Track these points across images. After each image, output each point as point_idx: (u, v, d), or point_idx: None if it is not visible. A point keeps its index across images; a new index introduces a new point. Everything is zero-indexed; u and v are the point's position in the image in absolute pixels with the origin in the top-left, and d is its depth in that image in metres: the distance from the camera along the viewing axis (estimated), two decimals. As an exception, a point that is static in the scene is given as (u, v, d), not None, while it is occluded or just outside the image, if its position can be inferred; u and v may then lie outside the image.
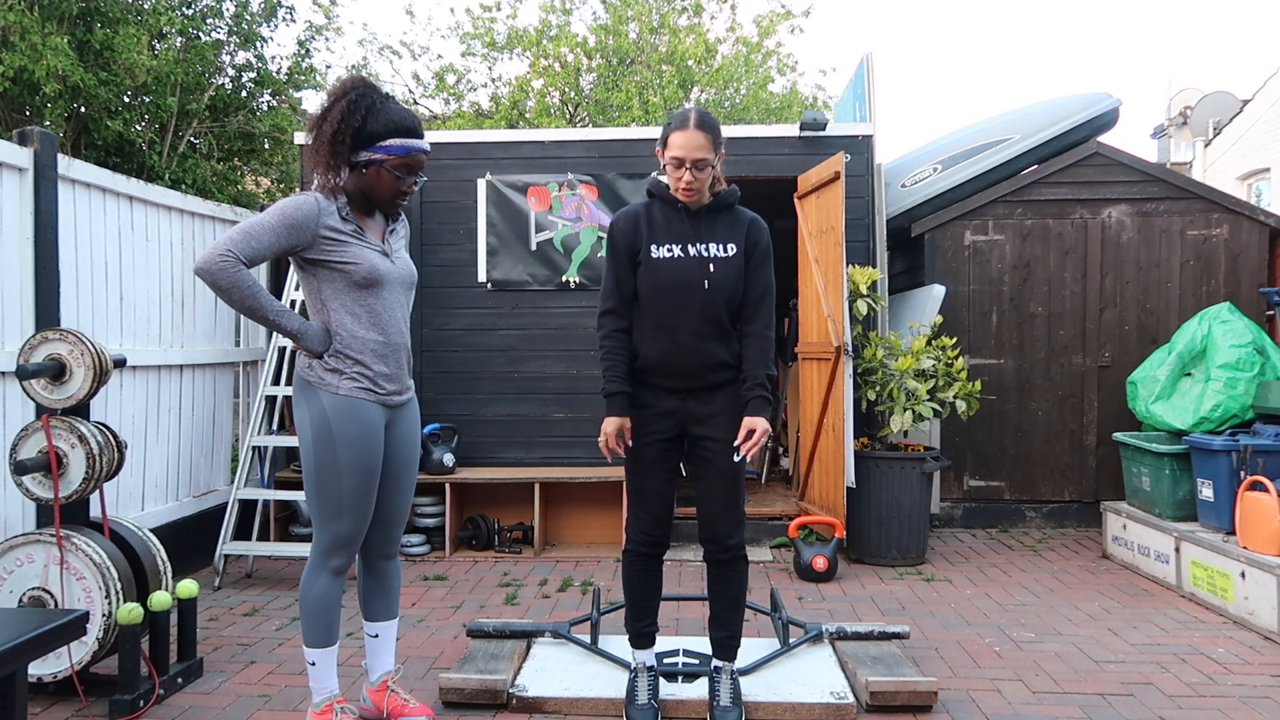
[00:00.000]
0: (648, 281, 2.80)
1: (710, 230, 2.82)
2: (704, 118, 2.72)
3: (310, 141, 2.60)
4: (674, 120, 2.75)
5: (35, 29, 6.01)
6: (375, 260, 2.62)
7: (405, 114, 2.61)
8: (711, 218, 2.83)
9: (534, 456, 5.56)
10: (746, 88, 12.60)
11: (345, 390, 2.59)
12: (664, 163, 2.77)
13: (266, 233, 2.48)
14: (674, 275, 2.77)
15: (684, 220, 2.81)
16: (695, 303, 2.76)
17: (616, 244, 2.85)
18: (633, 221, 2.84)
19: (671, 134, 2.72)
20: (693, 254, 2.78)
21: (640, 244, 2.81)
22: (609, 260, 2.87)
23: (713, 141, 2.71)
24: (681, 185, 2.73)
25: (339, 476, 2.59)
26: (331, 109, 2.55)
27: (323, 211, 2.55)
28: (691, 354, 2.79)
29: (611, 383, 2.82)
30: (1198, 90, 13.82)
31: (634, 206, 2.89)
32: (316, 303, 2.64)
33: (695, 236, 2.80)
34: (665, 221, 2.82)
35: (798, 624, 3.49)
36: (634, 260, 2.83)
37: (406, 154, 2.59)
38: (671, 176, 2.76)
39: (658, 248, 2.79)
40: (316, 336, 2.59)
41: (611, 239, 2.86)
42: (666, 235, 2.80)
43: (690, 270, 2.76)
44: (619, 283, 2.84)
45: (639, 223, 2.84)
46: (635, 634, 2.97)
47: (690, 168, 2.70)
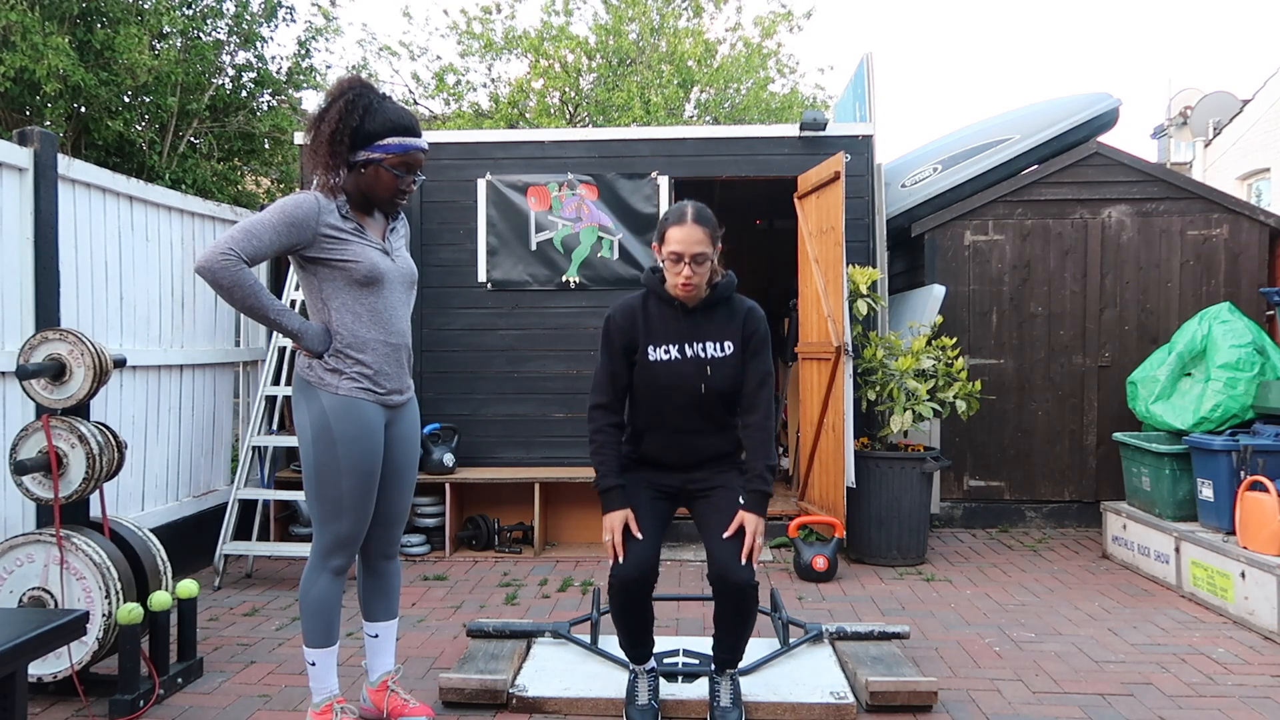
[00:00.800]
0: (646, 382, 2.80)
1: (707, 328, 2.80)
2: (700, 212, 2.71)
3: (309, 141, 2.60)
4: (670, 216, 2.73)
5: (36, 29, 6.01)
6: (376, 258, 2.62)
7: (403, 113, 2.61)
8: (709, 313, 2.82)
9: (534, 456, 5.56)
10: (747, 88, 12.60)
11: (345, 390, 2.59)
12: (661, 258, 2.75)
13: (267, 231, 2.48)
14: (672, 378, 2.77)
15: (681, 318, 2.80)
16: (693, 403, 2.78)
17: (612, 339, 2.82)
18: (629, 318, 2.82)
19: (669, 229, 2.70)
20: (690, 355, 2.78)
21: (637, 342, 2.80)
22: (604, 353, 2.85)
23: (710, 235, 2.70)
24: (680, 281, 2.71)
25: (339, 477, 2.59)
26: (329, 109, 2.55)
27: (323, 210, 2.55)
28: (691, 449, 2.83)
29: (606, 478, 2.77)
30: (1198, 90, 13.82)
31: (631, 302, 2.87)
32: (317, 302, 2.63)
33: (692, 335, 2.79)
34: (662, 320, 2.81)
35: (798, 624, 3.49)
36: (629, 357, 2.82)
37: (405, 152, 2.59)
38: (670, 272, 2.74)
39: (655, 349, 2.78)
40: (317, 336, 2.59)
41: (607, 334, 2.84)
42: (664, 335, 2.79)
43: (688, 372, 2.76)
44: (613, 377, 2.82)
45: (636, 320, 2.81)
46: (633, 655, 2.95)
47: (690, 263, 2.68)
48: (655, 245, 2.79)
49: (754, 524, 2.73)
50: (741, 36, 12.72)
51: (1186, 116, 13.58)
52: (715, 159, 5.57)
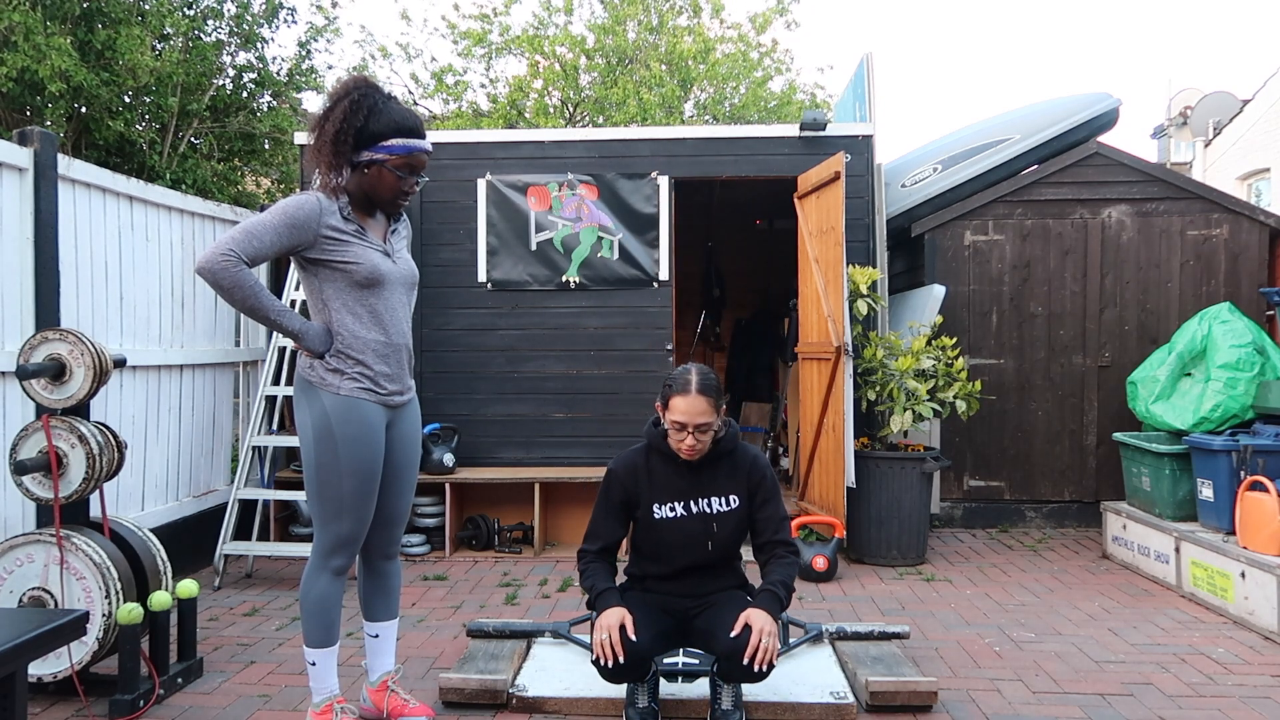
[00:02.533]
0: (651, 539, 2.84)
1: (711, 483, 2.82)
2: (704, 381, 2.72)
3: (312, 141, 2.60)
4: (675, 384, 2.74)
5: (39, 29, 6.02)
6: (377, 260, 2.62)
7: (407, 114, 2.61)
8: (712, 468, 2.84)
9: (534, 456, 5.56)
10: (745, 87, 12.59)
11: (346, 390, 2.59)
12: (664, 420, 2.77)
13: (268, 232, 2.48)
14: (678, 536, 2.81)
15: (684, 474, 2.82)
16: (700, 557, 2.83)
17: (613, 493, 2.86)
18: (632, 474, 2.85)
19: (673, 398, 2.72)
20: (695, 511, 2.80)
21: (640, 499, 2.83)
22: (602, 502, 2.87)
23: (714, 405, 2.72)
24: (684, 449, 2.74)
25: (340, 477, 2.59)
26: (334, 109, 2.54)
27: (324, 211, 2.55)
28: (699, 590, 2.88)
29: (598, 583, 2.76)
30: (1198, 90, 13.81)
31: (633, 456, 2.88)
32: (318, 302, 2.63)
33: (697, 491, 2.81)
34: (665, 476, 2.83)
35: (798, 624, 3.49)
36: (630, 512, 2.86)
37: (408, 154, 2.59)
38: (673, 439, 2.76)
39: (660, 507, 2.81)
40: (318, 336, 2.59)
41: (608, 486, 2.87)
42: (668, 492, 2.82)
43: (694, 530, 2.80)
44: (609, 530, 2.86)
45: (639, 476, 2.84)
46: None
47: (693, 432, 2.71)
48: (659, 406, 2.81)
49: (762, 620, 2.59)
50: (740, 34, 12.71)
51: (1186, 116, 13.58)
52: (715, 159, 5.57)
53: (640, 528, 2.86)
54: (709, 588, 2.89)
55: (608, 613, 2.66)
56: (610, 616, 2.64)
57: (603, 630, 2.61)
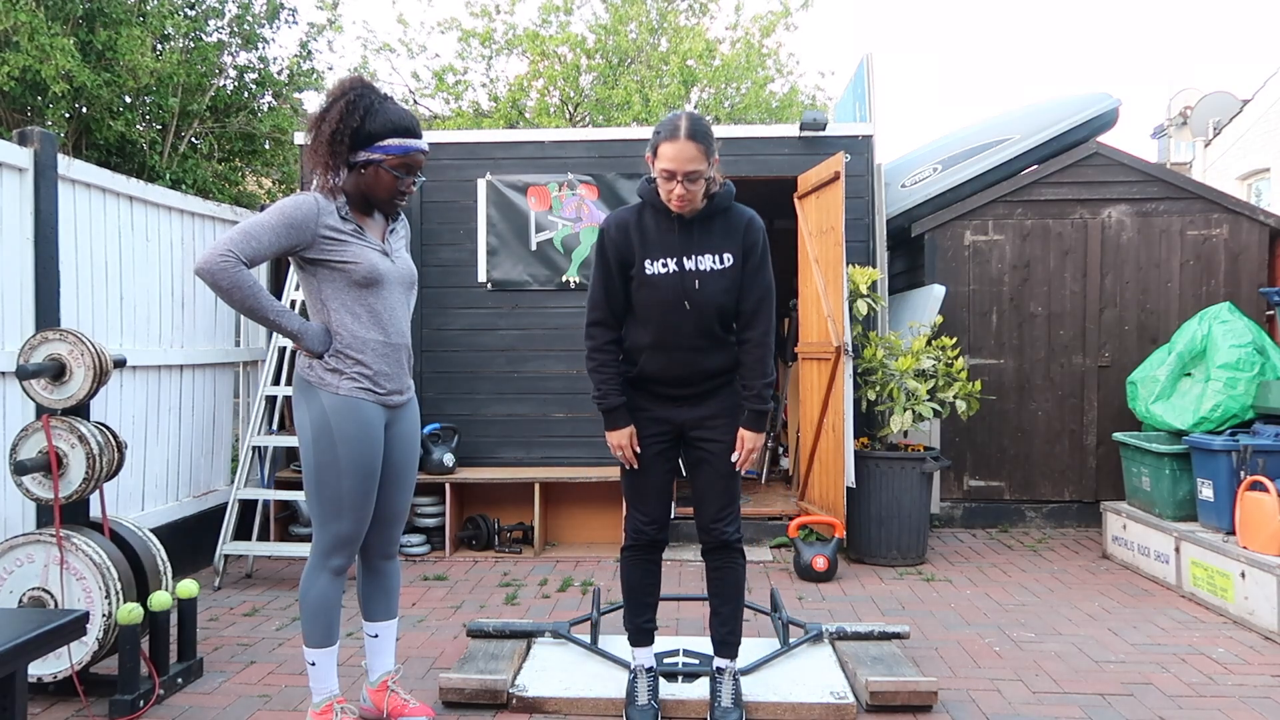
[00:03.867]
0: (642, 298, 2.73)
1: (705, 240, 2.72)
2: (695, 126, 2.58)
3: (309, 141, 2.60)
4: (663, 129, 2.61)
5: (43, 30, 6.01)
6: (375, 259, 2.63)
7: (404, 114, 2.61)
8: (706, 225, 2.73)
9: (534, 456, 5.56)
10: (747, 87, 12.59)
11: (345, 390, 2.59)
12: (654, 172, 2.65)
13: (266, 232, 2.49)
14: (669, 293, 2.69)
15: (676, 230, 2.71)
16: (690, 320, 2.71)
17: (606, 253, 2.75)
18: (624, 231, 2.74)
19: (661, 144, 2.59)
20: (688, 268, 2.70)
21: (633, 257, 2.72)
22: (598, 268, 2.78)
23: (705, 151, 2.59)
24: (673, 199, 2.63)
25: (339, 476, 2.59)
26: (330, 109, 2.55)
27: (322, 211, 2.55)
28: (688, 366, 2.76)
29: (608, 397, 2.78)
30: (1198, 90, 13.82)
31: (625, 213, 2.77)
32: (317, 302, 2.64)
33: (689, 248, 2.71)
34: (658, 232, 2.72)
35: (798, 624, 3.49)
36: (626, 271, 2.74)
37: (405, 154, 2.59)
38: (663, 189, 2.65)
39: (652, 263, 2.70)
40: (316, 336, 2.60)
41: (601, 247, 2.76)
42: (660, 248, 2.71)
43: (686, 286, 2.70)
44: (608, 293, 2.77)
45: (630, 233, 2.73)
46: (634, 630, 2.96)
47: (682, 180, 2.59)
48: (649, 156, 2.66)
49: (752, 440, 2.78)
50: (743, 35, 12.71)
51: (1186, 116, 13.58)
52: (715, 159, 5.56)
53: (633, 287, 2.74)
54: (702, 367, 2.76)
55: (618, 432, 2.80)
56: (620, 436, 2.80)
57: (616, 448, 2.82)
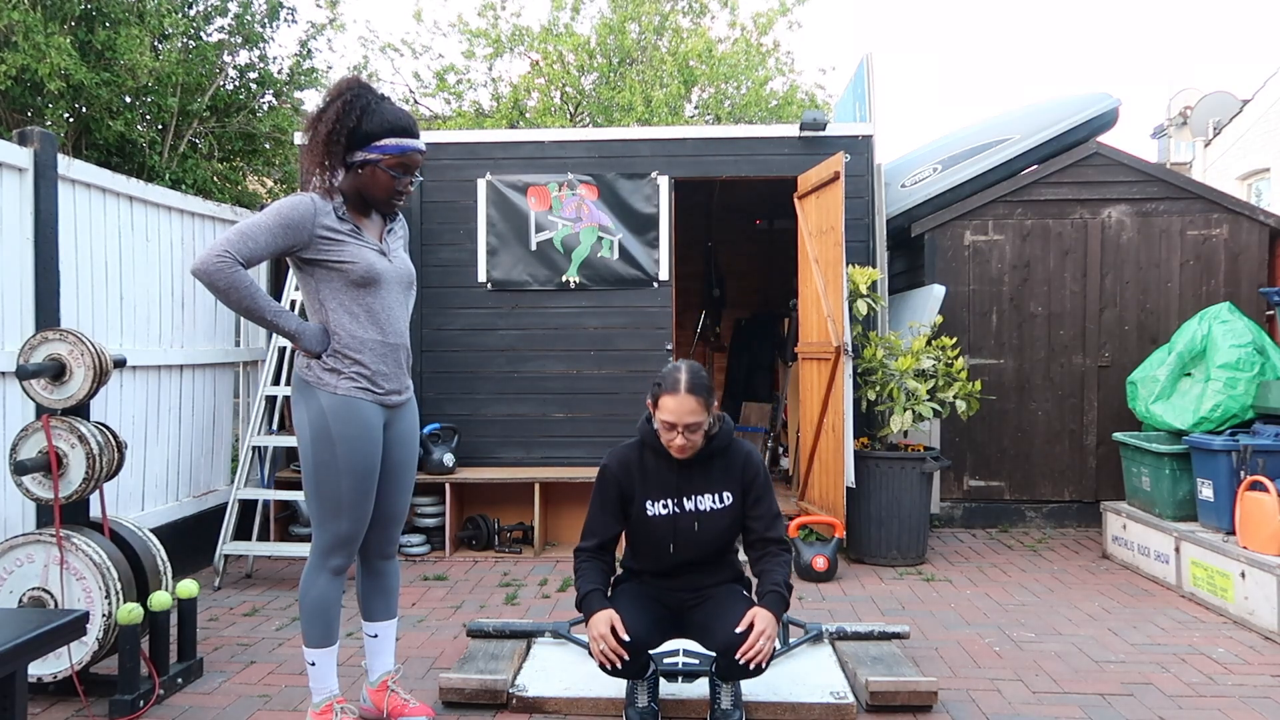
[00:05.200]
0: (642, 534, 2.85)
1: (704, 480, 2.83)
2: (694, 380, 2.69)
3: (306, 142, 2.61)
4: (665, 383, 2.72)
5: (39, 29, 6.01)
6: (372, 259, 2.63)
7: (401, 114, 2.61)
8: (705, 465, 2.84)
9: (534, 456, 5.56)
10: (747, 86, 12.58)
11: (344, 390, 2.59)
12: (655, 422, 2.76)
13: (263, 233, 2.49)
14: (669, 532, 2.81)
15: (677, 471, 2.82)
16: (690, 555, 2.83)
17: (607, 487, 2.85)
18: (625, 470, 2.85)
19: (662, 397, 2.71)
20: (687, 509, 2.81)
21: (633, 494, 2.83)
22: (597, 498, 2.87)
23: (704, 404, 2.70)
24: (674, 448, 2.75)
25: (338, 476, 2.59)
26: (327, 109, 2.55)
27: (319, 211, 2.55)
28: (693, 586, 2.89)
29: (584, 584, 2.76)
30: (1198, 90, 13.82)
31: (627, 452, 2.88)
32: (315, 302, 2.64)
33: (689, 489, 2.82)
34: (658, 472, 2.83)
35: (798, 624, 3.49)
36: (625, 508, 2.86)
37: (402, 154, 2.59)
38: (664, 437, 2.76)
39: (652, 504, 2.81)
40: (314, 337, 2.60)
41: (602, 481, 2.86)
42: (660, 489, 2.82)
43: (685, 526, 2.81)
44: (604, 525, 2.86)
45: (632, 472, 2.85)
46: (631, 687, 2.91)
47: (683, 431, 2.70)
48: (649, 403, 2.78)
49: (767, 619, 2.63)
50: (743, 34, 12.70)
51: (1186, 116, 13.58)
52: (715, 159, 5.57)
53: (633, 524, 2.86)
54: (704, 582, 2.91)
55: (596, 618, 2.67)
56: (599, 623, 2.65)
57: (596, 640, 2.64)
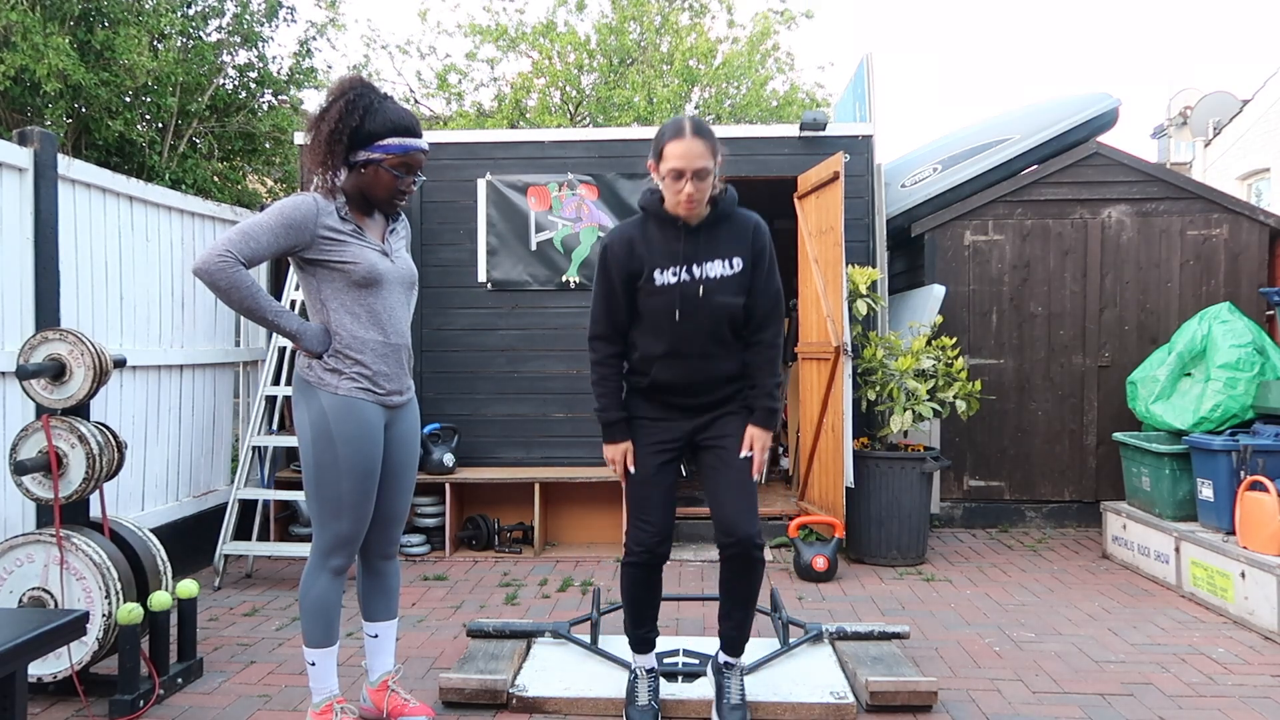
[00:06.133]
0: (651, 307, 2.70)
1: (712, 246, 2.71)
2: (699, 124, 2.61)
3: (308, 141, 2.60)
4: (667, 130, 2.62)
5: (37, 29, 6.01)
6: (374, 260, 2.62)
7: (403, 113, 2.61)
8: (712, 231, 2.72)
9: (534, 456, 5.56)
10: (747, 87, 12.58)
11: (345, 390, 2.59)
12: (659, 177, 2.65)
13: (265, 233, 2.48)
14: (678, 302, 2.67)
15: (682, 238, 2.69)
16: (702, 327, 2.69)
17: (609, 268, 2.72)
18: (627, 245, 2.71)
19: (667, 145, 2.59)
20: (697, 275, 2.68)
21: (640, 267, 2.69)
22: (600, 283, 2.74)
23: (711, 148, 2.60)
24: (683, 199, 2.60)
25: (339, 477, 2.59)
26: (329, 109, 2.55)
27: (321, 211, 2.55)
28: (701, 373, 2.74)
29: (609, 411, 2.76)
30: (1198, 90, 13.82)
31: (627, 227, 2.75)
32: (316, 302, 2.64)
33: (697, 255, 2.68)
34: (664, 241, 2.70)
35: (798, 624, 3.49)
36: (630, 284, 2.71)
37: (405, 153, 2.59)
38: (670, 190, 2.62)
39: (661, 272, 2.67)
40: (315, 337, 2.60)
41: (604, 262, 2.73)
42: (668, 257, 2.68)
43: (694, 294, 2.67)
44: (610, 309, 2.74)
45: (634, 245, 2.71)
46: (636, 640, 2.95)
47: (691, 179, 2.57)
48: (651, 164, 2.67)
49: (763, 440, 2.77)
50: (745, 37, 12.69)
51: (1186, 116, 13.58)
52: (715, 159, 5.56)
53: (641, 298, 2.71)
54: (712, 374, 2.75)
55: (615, 447, 2.79)
56: (617, 450, 2.80)
57: (611, 462, 2.83)
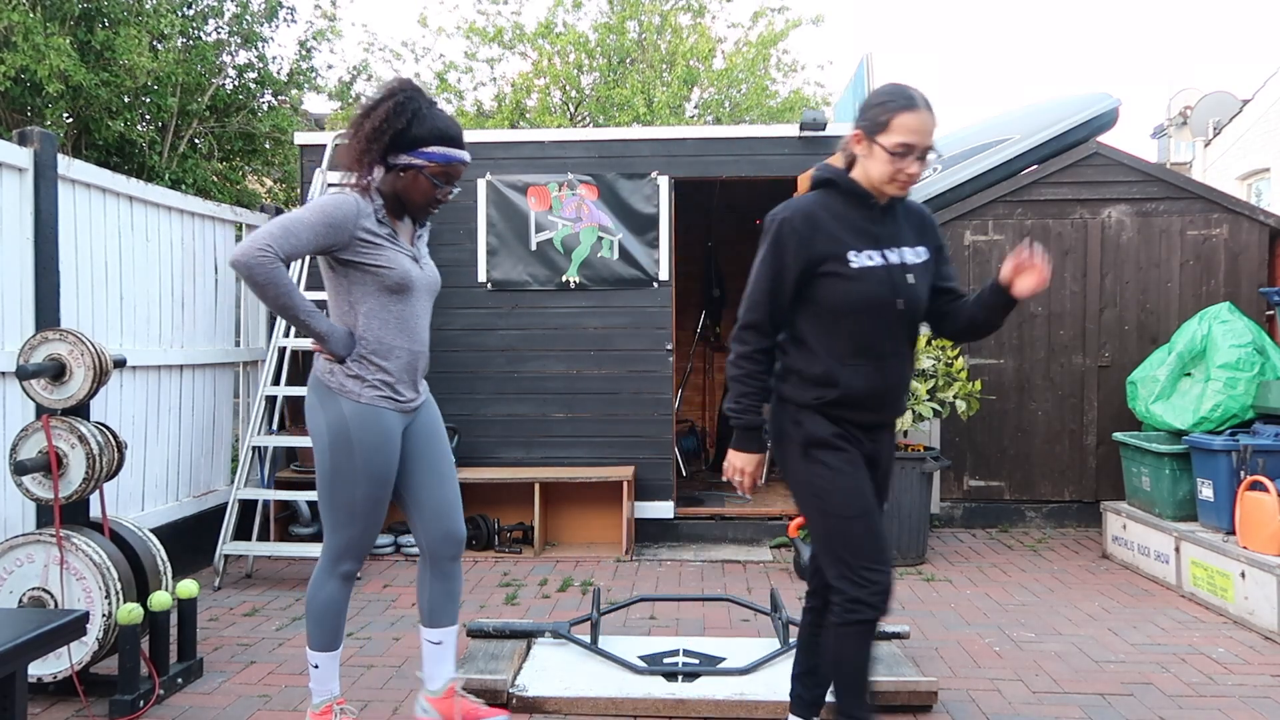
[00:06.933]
0: (844, 297, 2.30)
1: (899, 231, 2.38)
2: (926, 96, 2.28)
3: (348, 137, 2.57)
4: (894, 100, 2.26)
5: (38, 30, 6.02)
6: (408, 266, 2.61)
7: (451, 123, 2.59)
8: (893, 215, 2.39)
9: (534, 456, 5.56)
10: (748, 87, 12.57)
11: (368, 399, 2.56)
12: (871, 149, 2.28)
13: (306, 230, 2.44)
14: (879, 290, 2.30)
15: (878, 220, 2.36)
16: (901, 322, 2.35)
17: (785, 246, 2.32)
18: (812, 222, 2.33)
19: (898, 116, 2.24)
20: (894, 262, 2.34)
21: (829, 250, 2.30)
22: (769, 263, 2.33)
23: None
24: (901, 179, 2.27)
25: (355, 484, 2.56)
26: (377, 107, 2.52)
27: (361, 213, 2.52)
28: (897, 378, 2.39)
29: (749, 413, 2.37)
30: (1198, 90, 13.82)
31: (807, 203, 2.36)
32: (344, 304, 2.60)
33: (892, 239, 2.36)
34: (856, 221, 2.34)
35: (798, 624, 3.48)
36: (811, 269, 2.31)
37: (448, 163, 2.57)
38: (887, 166, 2.26)
39: (857, 254, 2.30)
40: (342, 340, 2.56)
41: (779, 240, 2.33)
42: (863, 238, 2.33)
43: (901, 281, 2.33)
44: (775, 294, 2.33)
45: (822, 223, 2.33)
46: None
47: (920, 157, 2.26)
48: (859, 134, 2.31)
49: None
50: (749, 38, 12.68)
51: (1186, 116, 13.58)
52: (715, 159, 5.57)
53: (826, 286, 2.30)
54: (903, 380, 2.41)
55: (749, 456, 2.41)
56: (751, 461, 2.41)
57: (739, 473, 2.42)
